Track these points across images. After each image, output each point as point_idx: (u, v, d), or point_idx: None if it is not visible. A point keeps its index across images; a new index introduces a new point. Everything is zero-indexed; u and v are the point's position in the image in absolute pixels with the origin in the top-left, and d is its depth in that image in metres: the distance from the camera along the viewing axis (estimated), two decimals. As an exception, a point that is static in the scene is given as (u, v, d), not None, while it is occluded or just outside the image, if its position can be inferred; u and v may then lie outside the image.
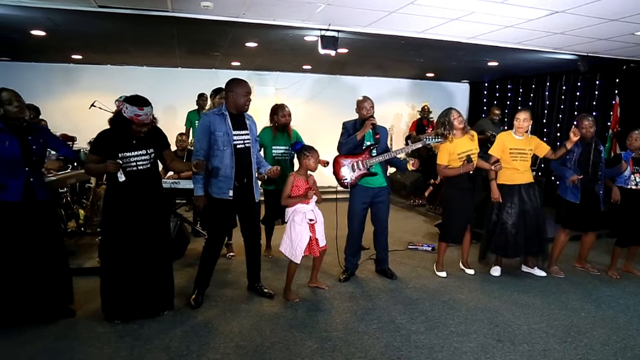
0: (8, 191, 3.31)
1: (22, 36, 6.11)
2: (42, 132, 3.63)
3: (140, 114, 3.33)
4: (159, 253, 3.63)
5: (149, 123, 3.44)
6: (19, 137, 3.36)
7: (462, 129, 4.60)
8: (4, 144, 3.30)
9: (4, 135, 3.31)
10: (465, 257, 4.96)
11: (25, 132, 3.42)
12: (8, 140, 3.31)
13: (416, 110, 9.99)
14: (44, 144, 3.55)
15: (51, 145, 3.71)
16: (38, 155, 3.46)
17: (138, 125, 3.39)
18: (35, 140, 3.45)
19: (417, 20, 5.19)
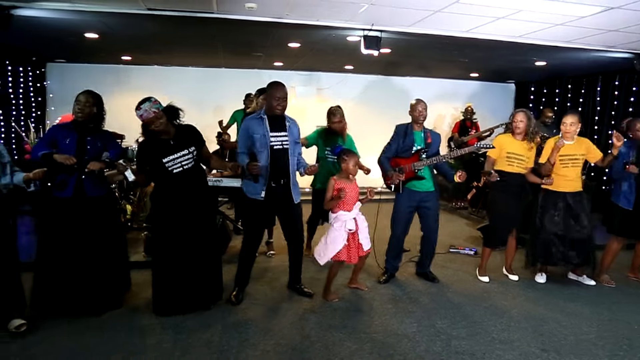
0: (63, 189, 3.48)
1: (77, 39, 6.39)
2: (104, 135, 3.75)
3: (141, 113, 3.44)
4: (208, 248, 3.72)
5: (153, 118, 3.46)
6: (79, 136, 3.53)
7: (522, 134, 4.48)
8: (65, 141, 3.50)
9: (68, 132, 3.53)
10: (509, 262, 4.82)
11: (88, 132, 3.58)
12: (70, 138, 3.52)
13: (459, 111, 9.79)
14: (102, 146, 3.66)
15: (108, 147, 3.79)
16: (92, 154, 3.58)
17: (149, 124, 3.48)
18: (92, 141, 3.60)
19: (462, 19, 5.09)
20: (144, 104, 3.44)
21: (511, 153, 4.46)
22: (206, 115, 7.90)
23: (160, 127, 3.50)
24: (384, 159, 4.48)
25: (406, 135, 4.43)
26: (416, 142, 4.43)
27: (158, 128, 3.50)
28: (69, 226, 3.52)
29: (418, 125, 4.46)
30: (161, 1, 4.70)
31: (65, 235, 3.52)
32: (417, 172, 4.38)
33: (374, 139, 4.94)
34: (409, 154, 4.42)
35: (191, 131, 3.72)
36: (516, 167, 4.48)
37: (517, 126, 4.48)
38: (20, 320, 3.37)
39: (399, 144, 4.46)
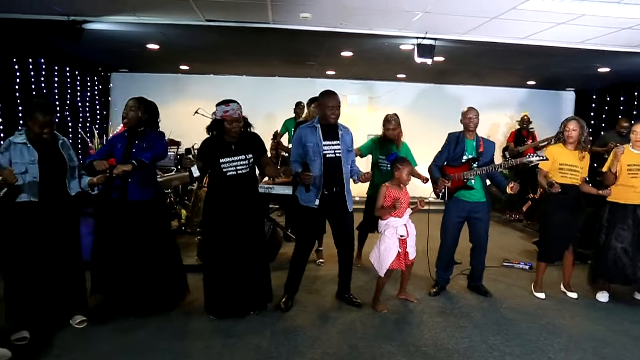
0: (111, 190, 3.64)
1: (140, 50, 6.73)
2: (152, 138, 3.81)
3: (228, 109, 3.56)
4: (256, 254, 3.78)
5: (238, 118, 3.60)
6: (128, 141, 3.70)
7: (574, 144, 4.29)
8: (117, 147, 3.69)
9: (121, 139, 3.71)
10: (566, 278, 4.60)
11: (136, 136, 3.73)
12: (121, 143, 3.70)
13: (515, 120, 9.49)
14: (147, 148, 3.73)
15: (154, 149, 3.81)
16: (135, 157, 3.65)
17: (229, 122, 3.57)
18: (139, 145, 3.71)
19: (519, 25, 4.96)
20: (233, 104, 3.59)
21: (564, 164, 4.27)
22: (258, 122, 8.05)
23: (237, 130, 3.63)
24: (434, 167, 4.42)
25: (457, 143, 4.35)
26: (467, 151, 4.34)
27: (235, 129, 3.62)
28: (116, 227, 3.67)
29: (470, 134, 4.37)
30: (219, 13, 4.86)
31: (113, 237, 3.67)
32: (467, 182, 4.29)
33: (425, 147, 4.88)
34: (459, 162, 4.34)
35: (254, 139, 3.81)
36: (569, 179, 4.28)
37: (570, 135, 4.28)
38: (82, 316, 3.57)
39: (450, 152, 4.38)
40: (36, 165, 3.27)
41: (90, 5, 4.66)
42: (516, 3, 4.24)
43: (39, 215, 3.29)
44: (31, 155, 3.27)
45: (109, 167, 3.51)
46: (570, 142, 4.31)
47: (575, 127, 4.28)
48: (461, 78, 9.32)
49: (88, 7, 4.74)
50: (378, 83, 9.84)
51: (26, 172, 3.23)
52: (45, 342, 3.28)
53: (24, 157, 3.24)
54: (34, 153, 3.28)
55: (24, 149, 3.26)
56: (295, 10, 4.69)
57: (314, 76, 9.39)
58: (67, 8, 4.77)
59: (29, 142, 3.29)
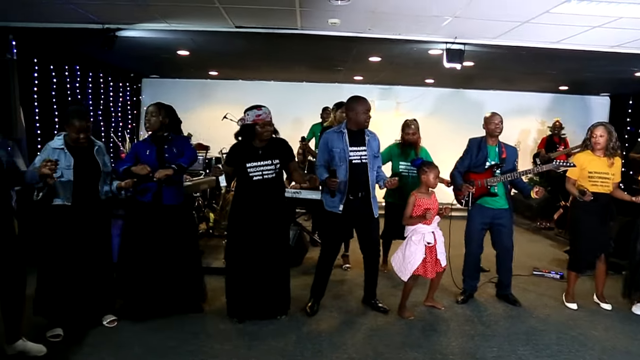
0: (145, 193, 3.71)
1: (171, 56, 6.87)
2: (179, 142, 3.91)
3: (261, 113, 3.60)
4: (278, 259, 3.79)
5: (270, 122, 3.64)
6: (157, 147, 3.77)
7: (603, 150, 4.18)
8: (145, 153, 3.74)
9: (147, 145, 3.79)
10: (600, 289, 4.46)
11: (163, 141, 3.80)
12: (149, 149, 3.76)
13: (546, 126, 9.29)
14: (178, 152, 3.83)
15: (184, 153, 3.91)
16: (169, 161, 3.75)
17: (262, 126, 3.61)
18: (169, 150, 3.79)
19: (552, 29, 4.87)
20: (264, 108, 3.65)
21: (593, 172, 4.15)
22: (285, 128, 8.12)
23: (268, 133, 3.67)
24: (456, 173, 4.37)
25: (479, 149, 4.29)
26: (490, 157, 4.28)
27: (267, 133, 3.66)
28: (149, 230, 3.73)
29: (493, 140, 4.30)
30: (249, 19, 4.93)
31: (146, 238, 3.74)
32: (490, 189, 4.22)
33: (452, 153, 4.82)
34: (482, 169, 4.27)
35: (282, 145, 3.83)
36: (600, 187, 4.15)
37: (597, 141, 4.16)
38: (112, 316, 3.66)
39: (472, 158, 4.32)
40: (71, 171, 3.37)
41: (123, 13, 4.78)
42: (549, 7, 4.16)
43: (72, 218, 3.39)
44: (67, 161, 3.37)
45: (150, 171, 3.59)
46: (598, 149, 4.19)
47: (603, 133, 4.16)
48: (490, 83, 9.19)
49: (121, 15, 4.87)
50: (405, 88, 9.79)
51: (62, 177, 3.33)
52: (77, 340, 3.37)
53: (61, 162, 3.33)
54: (70, 159, 3.38)
55: (61, 154, 3.37)
56: (324, 16, 4.71)
57: (341, 81, 9.40)
58: (102, 16, 4.91)
59: (66, 148, 3.40)
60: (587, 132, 4.32)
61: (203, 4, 4.43)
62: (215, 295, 4.22)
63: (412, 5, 4.31)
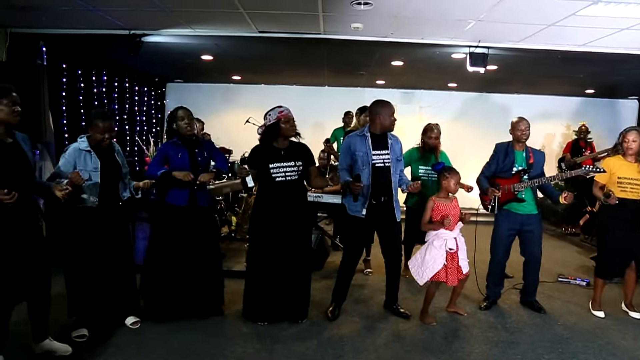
0: (179, 197, 3.76)
1: (195, 61, 6.98)
2: (207, 145, 4.03)
3: (283, 109, 3.66)
4: (300, 263, 3.80)
5: (292, 117, 3.69)
6: (189, 150, 3.82)
7: (634, 156, 4.07)
8: (177, 156, 3.79)
9: (178, 148, 3.81)
10: (629, 297, 4.35)
11: (194, 145, 3.86)
12: (181, 152, 3.80)
13: (572, 130, 9.12)
14: (208, 156, 3.95)
15: (213, 157, 4.08)
16: (202, 166, 3.86)
17: (285, 121, 3.65)
18: (200, 153, 3.87)
19: (578, 32, 4.79)
20: (284, 106, 3.71)
21: (623, 178, 4.05)
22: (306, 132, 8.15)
23: (292, 128, 3.72)
24: (483, 178, 4.31)
25: (506, 154, 4.24)
26: (517, 163, 4.22)
27: (291, 128, 3.70)
28: (182, 233, 3.79)
29: (520, 145, 4.24)
30: (272, 24, 4.98)
31: (177, 241, 3.78)
32: (517, 194, 4.16)
33: (475, 158, 4.79)
34: (509, 174, 4.22)
35: (303, 149, 3.87)
36: (630, 193, 4.04)
37: (630, 147, 4.05)
38: (135, 317, 3.71)
39: (498, 163, 4.27)
40: (99, 173, 3.43)
41: (149, 20, 4.89)
42: (576, 9, 4.09)
43: (98, 219, 3.45)
44: (94, 163, 3.43)
45: (194, 177, 3.65)
46: (630, 154, 4.09)
47: (636, 138, 4.05)
48: (515, 87, 9.08)
49: (147, 21, 4.97)
50: (428, 92, 9.75)
51: (89, 179, 3.39)
52: (102, 340, 3.43)
53: (88, 165, 3.40)
54: (97, 161, 3.44)
55: (87, 156, 3.43)
56: (347, 21, 4.73)
57: (363, 85, 9.41)
58: (128, 22, 5.03)
59: (92, 150, 3.46)
60: (618, 136, 4.22)
61: (227, 10, 4.50)
62: (236, 299, 4.23)
63: (434, 9, 4.30)
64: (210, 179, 3.75)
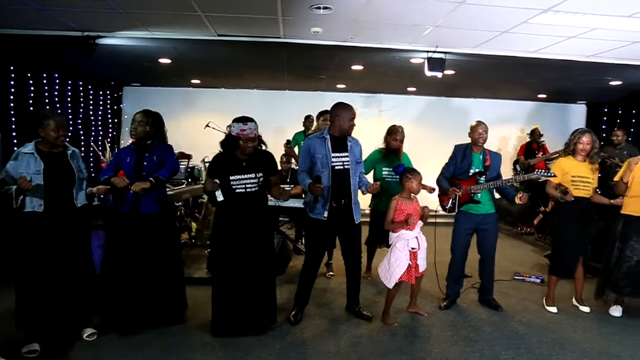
0: (124, 204, 3.67)
1: (152, 64, 6.82)
2: (162, 150, 3.85)
3: (245, 129, 3.51)
4: (262, 271, 3.73)
5: (254, 138, 3.56)
6: (137, 155, 3.72)
7: (585, 157, 4.28)
8: (126, 160, 3.71)
9: (128, 153, 3.73)
10: (579, 292, 4.55)
11: (145, 149, 3.75)
12: (129, 157, 3.71)
13: (525, 133, 9.46)
14: (158, 162, 3.77)
15: (165, 162, 3.84)
16: (147, 171, 3.70)
17: (244, 141, 3.54)
18: (149, 158, 3.74)
19: (530, 39, 4.97)
20: (251, 123, 3.54)
21: (576, 176, 4.25)
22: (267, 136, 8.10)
23: (250, 149, 3.58)
24: (443, 179, 4.41)
25: (464, 156, 4.35)
26: (474, 165, 4.34)
27: (249, 148, 3.57)
28: (129, 240, 3.68)
29: (477, 147, 4.36)
30: (231, 27, 4.93)
31: (128, 249, 3.68)
32: (473, 196, 4.27)
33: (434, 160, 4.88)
34: (466, 176, 4.33)
35: (265, 158, 3.76)
36: (582, 191, 4.25)
37: (584, 148, 4.26)
38: (92, 329, 3.58)
39: (457, 165, 4.38)
40: (41, 176, 3.28)
41: (103, 21, 4.74)
42: (527, 17, 4.25)
43: (45, 226, 3.30)
44: (37, 166, 3.29)
45: (129, 183, 3.54)
46: (583, 155, 4.29)
47: (590, 141, 4.27)
48: (471, 91, 9.32)
49: (101, 23, 4.82)
50: (388, 96, 9.88)
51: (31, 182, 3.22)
52: (55, 355, 3.29)
53: (30, 167, 3.26)
54: (40, 164, 3.30)
55: (30, 159, 3.29)
56: (306, 25, 4.74)
57: (324, 89, 9.44)
58: (81, 24, 4.86)
59: (36, 153, 3.31)
60: (570, 137, 4.40)
61: (184, 12, 4.42)
62: (197, 306, 4.18)
63: (393, 15, 4.36)
64: (143, 188, 3.55)
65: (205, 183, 3.62)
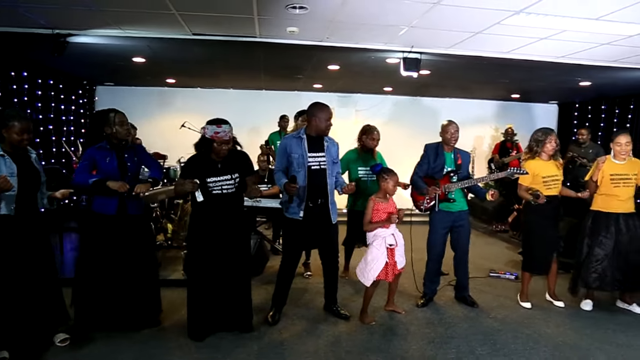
0: (107, 206, 3.59)
1: (126, 63, 6.70)
2: (137, 150, 3.87)
3: (219, 131, 3.47)
4: (238, 273, 3.70)
5: (228, 140, 3.52)
6: (117, 154, 3.65)
7: (552, 156, 4.39)
8: (105, 161, 3.61)
9: (105, 153, 3.63)
10: (552, 288, 4.65)
11: (123, 149, 3.70)
12: (109, 157, 3.62)
13: (499, 132, 9.63)
14: (139, 161, 3.80)
15: (145, 163, 3.92)
16: (132, 171, 3.71)
17: (218, 143, 3.50)
18: (130, 158, 3.71)
19: (503, 40, 5.06)
20: (225, 126, 3.50)
21: (547, 176, 4.35)
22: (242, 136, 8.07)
23: (224, 151, 3.54)
24: (418, 178, 4.43)
25: (437, 156, 4.40)
26: (446, 164, 4.39)
27: (223, 151, 3.53)
28: (111, 243, 3.61)
29: (449, 147, 4.42)
30: (206, 26, 4.88)
31: (108, 251, 3.60)
32: (448, 195, 4.33)
33: (408, 158, 4.93)
34: (439, 175, 4.38)
35: (241, 159, 3.74)
36: (553, 189, 4.37)
37: (554, 147, 4.39)
38: (65, 334, 3.49)
39: (430, 164, 4.42)
40: (15, 178, 3.17)
41: (74, 19, 4.64)
42: (500, 18, 4.32)
43: (15, 230, 3.18)
44: (10, 168, 3.16)
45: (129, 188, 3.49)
46: (551, 155, 4.40)
47: (557, 140, 4.39)
48: (447, 91, 9.44)
49: (72, 21, 4.72)
50: (364, 96, 9.93)
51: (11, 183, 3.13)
52: (26, 360, 3.21)
53: (1, 170, 3.13)
54: (13, 166, 3.18)
55: (1, 161, 3.16)
56: (283, 25, 4.73)
57: (300, 89, 9.44)
58: (51, 21, 4.75)
59: (6, 155, 3.19)
60: (534, 137, 4.48)
61: (158, 11, 4.36)
62: (173, 308, 4.13)
63: (369, 15, 4.38)
64: (148, 190, 3.59)
65: (181, 184, 3.53)
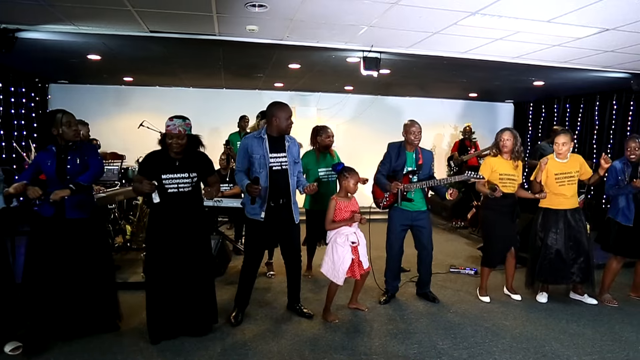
0: (45, 208, 3.44)
1: (80, 61, 6.48)
2: (86, 151, 3.64)
3: (169, 124, 3.42)
4: (200, 273, 3.64)
5: (178, 134, 3.43)
6: (58, 157, 3.49)
7: (509, 153, 4.50)
8: (47, 164, 3.46)
9: (48, 155, 3.48)
10: (510, 282, 4.80)
11: (67, 151, 3.51)
12: (50, 160, 3.47)
13: (458, 130, 9.86)
14: (83, 163, 3.56)
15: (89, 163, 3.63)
16: (72, 173, 3.49)
17: (169, 137, 3.44)
18: (72, 160, 3.51)
19: (460, 40, 5.16)
20: (176, 120, 3.44)
21: (503, 174, 4.48)
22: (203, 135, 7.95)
23: (176, 147, 3.46)
24: (381, 176, 4.47)
25: (399, 155, 4.44)
26: (407, 164, 4.44)
27: (174, 146, 3.46)
28: (53, 246, 3.46)
29: (410, 146, 4.46)
30: (164, 24, 4.77)
31: (50, 255, 3.45)
32: (407, 194, 4.38)
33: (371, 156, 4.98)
34: (400, 174, 4.43)
35: (201, 159, 3.66)
36: (509, 187, 4.48)
37: (505, 145, 4.50)
38: (16, 342, 3.34)
39: (392, 162, 4.46)
40: None
41: (22, 13, 4.44)
42: (456, 19, 4.41)
43: None
44: None
45: (42, 194, 3.31)
46: (506, 152, 4.52)
47: (509, 137, 4.50)
48: (407, 90, 9.58)
49: (20, 15, 4.51)
50: (326, 95, 9.96)
51: None
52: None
53: None
54: None
55: None
56: (242, 23, 4.68)
57: (261, 88, 9.38)
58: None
59: None
60: (496, 137, 4.62)
61: (113, 7, 4.23)
62: (133, 311, 4.02)
63: (328, 14, 4.39)
64: (65, 196, 3.36)
65: (139, 184, 3.41)
